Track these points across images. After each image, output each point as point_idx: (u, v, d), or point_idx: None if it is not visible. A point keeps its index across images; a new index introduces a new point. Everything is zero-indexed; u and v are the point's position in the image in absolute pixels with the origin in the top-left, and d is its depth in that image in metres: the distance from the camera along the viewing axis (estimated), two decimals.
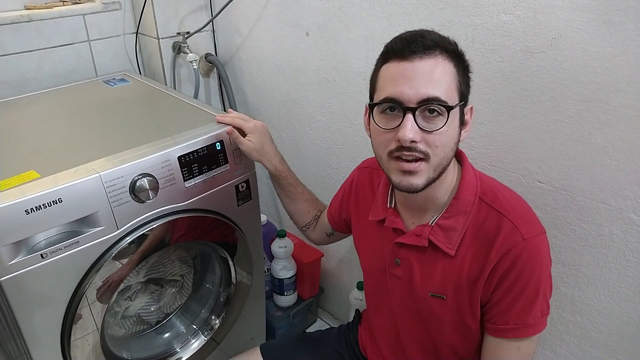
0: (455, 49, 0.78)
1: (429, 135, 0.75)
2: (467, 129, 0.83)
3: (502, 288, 0.81)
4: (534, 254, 0.79)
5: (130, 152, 1.02)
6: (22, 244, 0.89)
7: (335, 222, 1.15)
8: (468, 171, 0.86)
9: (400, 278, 0.92)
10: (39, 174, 0.94)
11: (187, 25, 1.63)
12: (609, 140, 0.89)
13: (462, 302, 0.85)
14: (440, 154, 0.77)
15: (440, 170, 0.79)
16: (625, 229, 0.93)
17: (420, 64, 0.74)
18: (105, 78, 1.53)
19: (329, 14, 1.31)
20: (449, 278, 0.85)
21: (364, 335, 1.14)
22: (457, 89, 0.77)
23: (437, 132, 0.76)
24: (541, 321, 0.83)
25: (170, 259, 1.29)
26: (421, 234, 0.86)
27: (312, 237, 1.24)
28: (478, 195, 0.84)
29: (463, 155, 0.88)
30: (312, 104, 1.49)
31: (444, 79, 0.75)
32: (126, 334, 1.29)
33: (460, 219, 0.83)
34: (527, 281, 0.79)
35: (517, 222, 0.79)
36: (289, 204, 1.20)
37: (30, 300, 0.93)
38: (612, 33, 0.83)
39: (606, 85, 0.86)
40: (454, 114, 0.77)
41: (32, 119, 1.25)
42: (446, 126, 0.76)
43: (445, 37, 0.78)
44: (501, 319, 0.83)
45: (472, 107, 0.84)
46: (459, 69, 0.78)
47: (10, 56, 1.44)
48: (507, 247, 0.79)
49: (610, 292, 0.99)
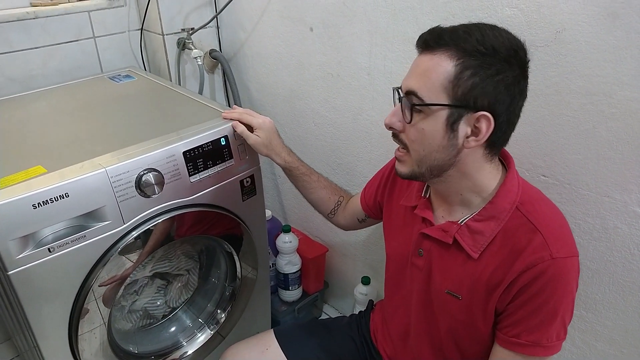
0: (484, 53, 0.71)
1: (407, 127, 0.79)
2: (478, 137, 0.75)
3: (518, 300, 0.79)
4: (560, 275, 0.76)
5: (136, 147, 1.03)
6: (29, 238, 0.90)
7: (369, 207, 1.14)
8: (512, 178, 0.83)
9: (421, 269, 0.92)
10: (45, 169, 0.94)
11: (192, 21, 1.64)
12: (613, 133, 0.89)
13: (476, 306, 0.85)
14: (419, 150, 0.78)
15: (428, 168, 0.79)
16: (630, 222, 0.93)
17: (421, 59, 0.77)
18: (111, 74, 1.54)
19: (333, 9, 1.31)
20: (468, 280, 0.84)
21: (376, 321, 1.15)
22: (448, 90, 0.73)
23: (414, 126, 0.78)
24: (555, 344, 0.81)
25: (176, 254, 1.30)
26: (448, 230, 0.85)
27: (341, 223, 1.22)
28: (515, 204, 0.80)
29: (510, 161, 0.85)
30: (316, 100, 1.50)
31: (432, 76, 0.74)
32: (133, 328, 1.30)
33: (492, 224, 0.81)
34: (546, 300, 0.77)
35: (549, 239, 0.76)
36: (308, 194, 1.19)
37: (38, 293, 0.94)
38: (617, 26, 0.83)
39: (610, 78, 0.86)
40: (435, 113, 0.75)
41: (38, 115, 1.26)
42: (422, 123, 0.76)
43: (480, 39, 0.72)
44: (513, 331, 0.81)
45: (484, 115, 0.73)
46: (469, 73, 0.72)
47: (17, 53, 1.45)
48: (533, 261, 0.76)
49: (615, 286, 0.99)
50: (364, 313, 1.21)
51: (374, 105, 1.32)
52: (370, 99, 1.32)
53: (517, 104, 0.77)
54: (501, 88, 0.73)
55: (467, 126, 0.75)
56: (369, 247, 1.57)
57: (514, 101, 0.75)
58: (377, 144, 1.37)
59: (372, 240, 1.54)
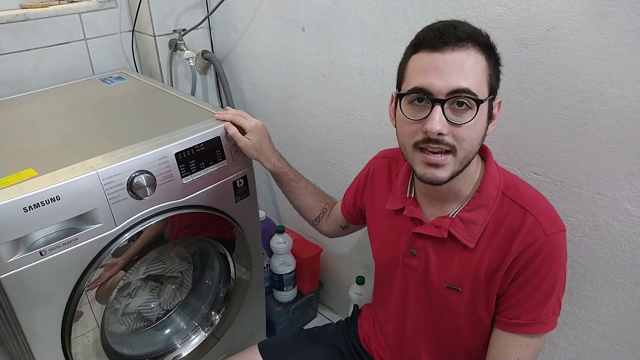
0: (487, 41, 0.77)
1: (456, 128, 0.75)
2: (494, 122, 0.82)
3: (518, 281, 0.81)
4: (554, 250, 0.79)
5: (128, 149, 1.03)
6: (20, 241, 0.89)
7: (349, 214, 1.15)
8: (492, 166, 0.86)
9: (416, 269, 0.92)
10: (36, 172, 0.94)
11: (183, 22, 1.63)
12: (603, 131, 0.90)
13: (478, 295, 0.86)
14: (468, 147, 0.77)
15: (465, 164, 0.79)
16: (621, 219, 0.93)
17: (452, 56, 0.73)
18: (102, 76, 1.54)
19: (325, 9, 1.31)
20: (467, 271, 0.85)
21: (366, 327, 1.14)
22: (488, 83, 0.77)
23: (466, 125, 0.75)
24: (552, 319, 0.83)
25: (170, 256, 1.30)
26: (441, 225, 0.86)
27: (325, 231, 1.23)
28: (501, 190, 0.84)
29: (487, 150, 0.88)
30: (309, 100, 1.50)
31: (475, 71, 0.74)
32: (127, 331, 1.30)
33: (482, 212, 0.83)
34: (544, 277, 0.79)
35: (540, 217, 0.80)
36: (294, 200, 1.20)
37: (30, 297, 0.94)
38: (606, 24, 0.83)
39: (600, 76, 0.87)
40: (483, 107, 0.76)
41: (29, 118, 1.25)
42: (475, 120, 0.75)
43: (477, 29, 0.77)
44: (513, 313, 0.82)
45: (500, 101, 0.82)
46: (490, 62, 0.77)
47: (7, 55, 1.44)
48: (528, 241, 0.79)
49: (607, 282, 1.00)
50: (350, 320, 1.19)
51: (367, 105, 1.32)
52: (362, 98, 1.32)
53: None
54: (499, 73, 0.81)
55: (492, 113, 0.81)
56: (363, 247, 1.57)
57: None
58: (370, 143, 1.37)
59: (367, 240, 1.53)
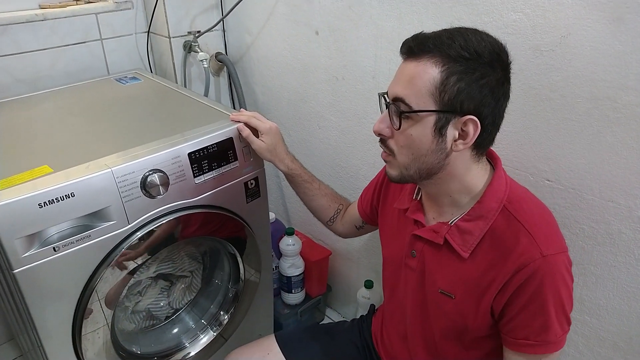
0: (470, 57, 0.72)
1: (395, 133, 0.80)
2: (466, 141, 0.77)
3: (518, 302, 0.80)
4: (553, 273, 0.77)
5: (142, 148, 1.04)
6: (35, 237, 0.90)
7: (366, 214, 1.15)
8: (499, 178, 0.84)
9: (414, 270, 0.93)
10: (52, 168, 0.95)
11: (198, 24, 1.65)
12: (618, 138, 0.89)
13: (468, 304, 0.86)
14: (407, 154, 0.80)
15: (416, 171, 0.81)
16: (635, 227, 0.92)
17: (407, 65, 0.78)
18: (117, 76, 1.56)
19: (339, 13, 1.32)
20: (460, 279, 0.85)
21: (376, 325, 1.15)
22: (435, 96, 0.74)
23: (402, 132, 0.78)
24: (562, 338, 0.82)
25: (180, 255, 1.30)
26: (439, 231, 0.87)
27: (340, 231, 1.23)
28: (503, 203, 0.82)
29: (497, 161, 0.87)
30: (321, 103, 1.50)
31: (417, 83, 0.75)
32: (136, 329, 1.31)
33: (480, 223, 0.83)
34: (545, 299, 0.78)
35: (537, 237, 0.78)
36: (308, 201, 1.20)
37: (43, 293, 0.95)
38: (622, 31, 0.83)
39: (616, 83, 0.86)
40: (423, 119, 0.76)
41: (45, 116, 1.27)
42: (410, 129, 0.77)
43: (470, 43, 0.73)
44: (520, 334, 0.82)
45: (474, 119, 0.75)
46: (454, 78, 0.73)
47: (25, 54, 1.46)
48: (524, 261, 0.77)
49: (619, 291, 0.99)
50: (366, 317, 1.21)
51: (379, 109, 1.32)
52: (375, 102, 1.32)
53: (502, 105, 0.79)
54: (486, 91, 0.75)
55: (455, 130, 0.77)
56: (372, 251, 1.57)
57: (498, 103, 0.77)
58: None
59: (375, 243, 1.54)
